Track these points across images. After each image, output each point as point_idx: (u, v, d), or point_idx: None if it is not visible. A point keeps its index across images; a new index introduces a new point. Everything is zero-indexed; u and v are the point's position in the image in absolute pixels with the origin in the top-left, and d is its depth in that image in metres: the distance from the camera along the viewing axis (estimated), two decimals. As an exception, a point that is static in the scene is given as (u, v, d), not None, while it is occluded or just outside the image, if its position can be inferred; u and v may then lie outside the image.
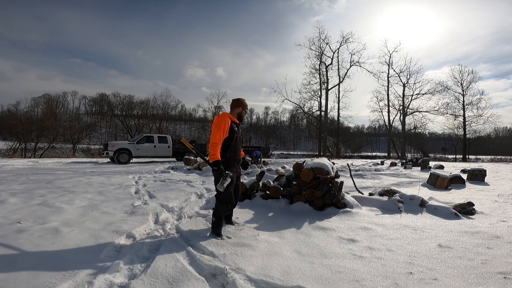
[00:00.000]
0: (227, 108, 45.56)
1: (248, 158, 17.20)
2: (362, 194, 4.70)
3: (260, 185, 4.51)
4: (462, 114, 35.32)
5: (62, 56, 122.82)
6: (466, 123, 35.32)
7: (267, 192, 4.39)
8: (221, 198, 2.79)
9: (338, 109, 37.96)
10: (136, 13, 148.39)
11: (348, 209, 3.78)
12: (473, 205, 3.83)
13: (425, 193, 5.47)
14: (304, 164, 4.13)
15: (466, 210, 3.76)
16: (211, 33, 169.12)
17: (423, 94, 36.07)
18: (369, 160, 23.59)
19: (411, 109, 37.13)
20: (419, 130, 39.36)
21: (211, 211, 3.72)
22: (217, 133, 2.71)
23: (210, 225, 3.01)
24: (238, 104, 2.98)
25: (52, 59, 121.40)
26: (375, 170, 10.93)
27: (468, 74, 35.12)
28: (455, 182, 6.97)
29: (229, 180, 2.66)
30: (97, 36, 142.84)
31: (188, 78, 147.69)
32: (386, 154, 40.10)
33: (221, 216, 2.79)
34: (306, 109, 37.50)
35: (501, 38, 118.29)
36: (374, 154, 46.43)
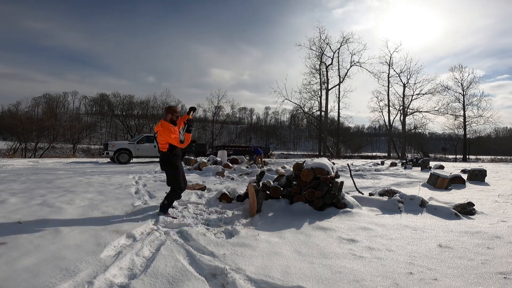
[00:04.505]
0: (226, 108, 45.45)
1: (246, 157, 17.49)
2: (362, 194, 4.70)
3: (260, 185, 4.50)
4: (462, 114, 35.35)
5: (66, 57, 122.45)
6: (467, 123, 35.35)
7: (267, 192, 4.38)
8: (173, 187, 3.55)
9: (338, 109, 38.01)
10: (110, 10, 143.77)
11: (348, 209, 3.78)
12: (473, 205, 3.83)
13: (425, 193, 5.47)
14: (304, 164, 4.13)
15: (466, 210, 3.76)
16: (210, 33, 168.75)
17: (423, 94, 36.12)
18: (369, 160, 23.60)
19: (411, 109, 37.18)
20: (419, 130, 39.43)
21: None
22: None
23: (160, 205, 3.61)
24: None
25: (57, 60, 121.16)
26: (375, 170, 10.93)
27: (469, 74, 35.26)
28: (455, 182, 6.97)
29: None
30: (89, 37, 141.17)
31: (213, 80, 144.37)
32: (386, 154, 40.14)
33: (172, 201, 3.63)
34: (306, 109, 37.51)
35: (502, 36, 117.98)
36: (374, 154, 46.42)
